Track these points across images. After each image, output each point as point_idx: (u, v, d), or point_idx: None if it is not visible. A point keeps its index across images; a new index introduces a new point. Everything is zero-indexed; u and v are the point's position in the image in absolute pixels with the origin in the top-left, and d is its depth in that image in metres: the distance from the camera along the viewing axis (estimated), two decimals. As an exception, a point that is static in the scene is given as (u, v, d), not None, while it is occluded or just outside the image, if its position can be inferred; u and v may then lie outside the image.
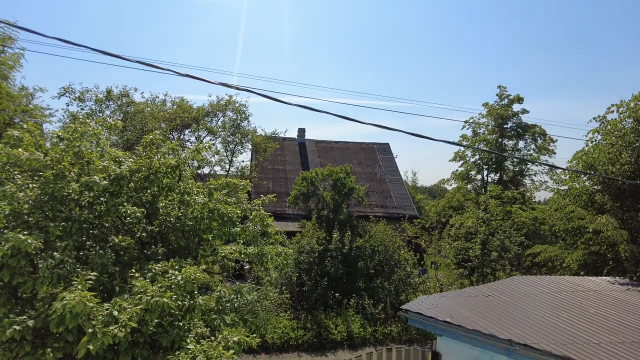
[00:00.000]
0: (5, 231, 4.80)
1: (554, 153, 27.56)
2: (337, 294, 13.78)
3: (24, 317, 4.11)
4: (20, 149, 5.77)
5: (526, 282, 9.10)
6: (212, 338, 4.56)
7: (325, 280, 13.65)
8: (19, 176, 5.91)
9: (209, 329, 4.99)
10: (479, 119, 28.31)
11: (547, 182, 28.16)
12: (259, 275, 12.71)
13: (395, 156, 25.39)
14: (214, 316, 5.22)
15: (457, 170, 29.54)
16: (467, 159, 28.86)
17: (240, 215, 6.58)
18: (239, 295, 5.65)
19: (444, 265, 16.80)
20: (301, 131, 24.78)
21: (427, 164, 62.10)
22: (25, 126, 6.28)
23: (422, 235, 17.97)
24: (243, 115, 16.16)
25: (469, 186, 29.01)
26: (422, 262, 18.95)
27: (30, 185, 5.59)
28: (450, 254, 16.37)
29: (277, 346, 11.55)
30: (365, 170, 23.46)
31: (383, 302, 13.91)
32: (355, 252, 14.62)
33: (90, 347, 3.60)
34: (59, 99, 14.80)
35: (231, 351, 4.15)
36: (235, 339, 4.38)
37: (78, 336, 4.14)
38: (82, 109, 14.03)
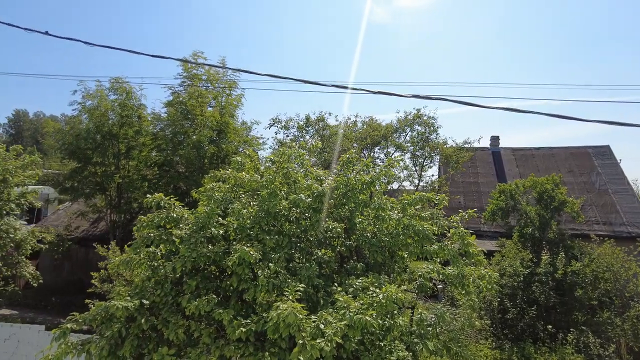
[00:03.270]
0: (234, 243, 5.57)
1: None
2: (549, 326, 11.73)
3: (248, 320, 4.63)
4: (243, 172, 6.78)
5: None
6: (415, 364, 4.28)
7: (534, 309, 11.81)
8: (243, 195, 6.91)
9: (410, 353, 4.73)
10: None
11: None
12: (453, 297, 11.88)
13: (618, 160, 20.66)
14: (416, 340, 4.94)
15: None
16: None
17: (436, 232, 6.18)
18: (440, 321, 5.23)
19: None
20: (494, 139, 22.62)
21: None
22: (246, 152, 7.36)
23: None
24: (432, 128, 15.73)
25: None
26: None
27: (251, 203, 6.44)
28: None
29: (478, 377, 10.48)
30: (579, 179, 19.76)
31: (615, 342, 11.17)
32: (571, 278, 12.25)
33: (301, 358, 3.79)
34: (269, 128, 17.34)
35: (436, 383, 3.77)
36: (440, 369, 3.99)
37: (289, 344, 4.44)
38: (287, 135, 16.07)
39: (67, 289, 16.35)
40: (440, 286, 14.53)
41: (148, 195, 6.26)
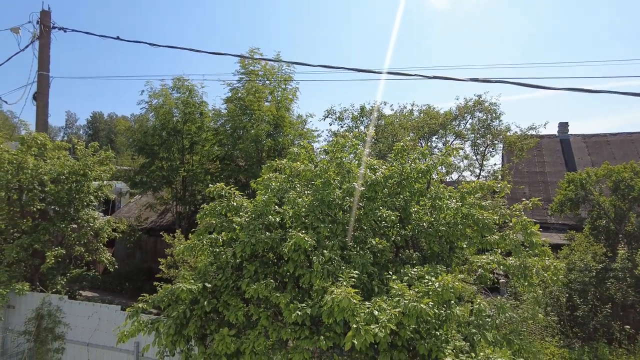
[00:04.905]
0: (290, 231, 5.71)
1: None
2: (627, 327, 10.82)
3: (304, 304, 4.75)
4: (298, 162, 6.92)
5: None
6: (472, 355, 4.16)
7: (609, 307, 10.95)
8: (298, 185, 7.05)
9: (467, 343, 4.60)
10: None
11: None
12: (517, 291, 11.32)
13: None
14: (473, 330, 4.79)
15: None
16: None
17: (497, 222, 5.92)
18: (500, 312, 5.03)
19: None
20: (563, 126, 21.09)
21: None
22: (301, 143, 7.49)
23: None
24: (494, 115, 14.94)
25: None
26: None
27: (306, 192, 6.56)
28: None
29: (543, 376, 9.94)
30: (663, 168, 17.89)
31: None
32: (654, 276, 11.20)
33: (355, 342, 3.83)
34: (323, 120, 17.46)
35: (495, 375, 3.65)
36: (500, 360, 3.85)
37: (344, 329, 4.50)
38: (341, 127, 16.09)
39: (138, 275, 17.66)
40: (503, 280, 13.91)
41: (210, 185, 6.58)
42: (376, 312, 4.08)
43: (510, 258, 5.78)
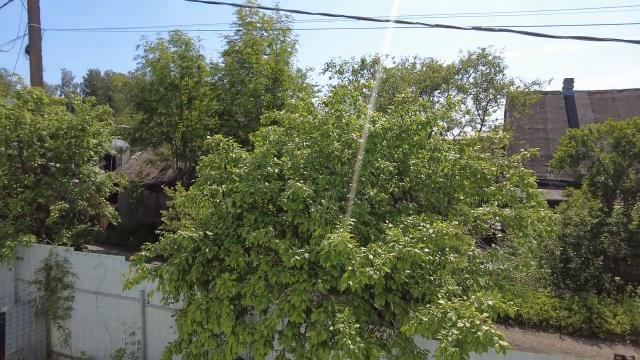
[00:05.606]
0: (290, 181, 5.76)
1: None
2: (617, 278, 11.15)
3: (302, 250, 4.89)
4: (296, 114, 6.86)
5: None
6: (464, 298, 4.32)
7: (601, 260, 11.23)
8: (297, 138, 7.04)
9: (460, 287, 4.77)
10: None
11: None
12: (513, 246, 11.58)
13: None
14: (466, 275, 4.96)
15: None
16: None
17: (495, 173, 5.95)
18: (493, 259, 5.17)
19: None
20: (568, 82, 20.68)
21: None
22: (300, 95, 7.40)
23: None
24: (497, 68, 14.58)
25: None
26: None
27: (304, 144, 6.56)
28: None
29: (533, 322, 10.38)
30: (667, 125, 17.72)
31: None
32: (647, 230, 11.41)
33: (350, 283, 3.96)
34: (323, 73, 17.12)
35: (484, 314, 3.80)
36: (490, 302, 4.00)
37: (341, 273, 4.64)
38: (341, 81, 15.79)
39: (141, 230, 18.01)
40: (500, 235, 14.19)
41: (208, 137, 6.57)
42: (371, 257, 4.20)
43: (506, 209, 5.86)
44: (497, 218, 5.88)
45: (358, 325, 4.17)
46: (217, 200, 6.17)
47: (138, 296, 8.51)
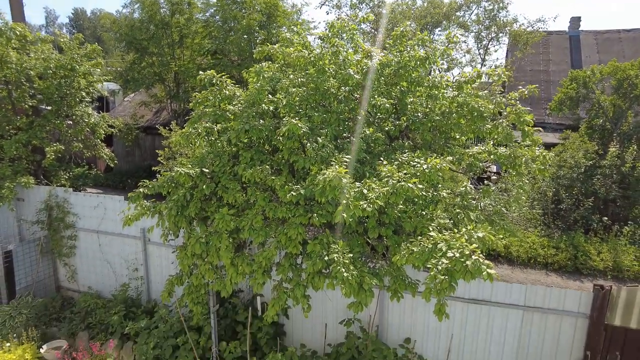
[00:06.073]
0: (285, 119, 5.71)
1: None
2: (605, 218, 11.46)
3: (298, 186, 4.96)
4: (291, 49, 6.65)
5: None
6: (455, 230, 4.45)
7: (591, 201, 11.47)
8: (292, 75, 6.87)
9: (451, 221, 4.91)
10: None
11: None
12: (507, 187, 11.76)
13: None
14: (458, 210, 5.08)
15: None
16: None
17: (492, 111, 5.91)
18: (485, 195, 5.28)
19: None
20: (574, 21, 19.90)
21: None
22: (295, 28, 7.12)
23: None
24: (500, 5, 13.98)
25: None
26: None
27: (300, 80, 6.42)
28: None
29: (521, 260, 10.82)
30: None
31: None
32: (639, 172, 11.54)
33: (344, 215, 4.06)
34: (320, 8, 16.44)
35: (474, 245, 3.94)
36: (480, 234, 4.13)
37: (335, 208, 4.74)
38: (339, 16, 15.13)
39: (138, 173, 18.09)
40: (495, 177, 14.35)
41: (201, 72, 6.41)
42: (365, 191, 4.27)
43: (501, 148, 5.88)
44: (491, 157, 5.92)
45: (352, 255, 4.34)
46: (213, 139, 6.15)
47: (139, 234, 8.73)
